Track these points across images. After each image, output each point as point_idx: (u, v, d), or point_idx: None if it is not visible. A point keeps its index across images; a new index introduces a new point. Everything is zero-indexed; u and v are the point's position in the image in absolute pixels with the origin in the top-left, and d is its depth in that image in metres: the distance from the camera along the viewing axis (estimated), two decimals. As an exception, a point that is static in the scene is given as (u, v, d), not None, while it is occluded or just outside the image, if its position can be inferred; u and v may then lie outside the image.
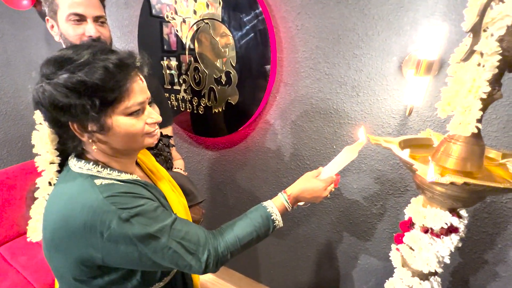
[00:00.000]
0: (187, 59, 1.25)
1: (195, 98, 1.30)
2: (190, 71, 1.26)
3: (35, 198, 0.66)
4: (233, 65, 1.14)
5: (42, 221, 0.55)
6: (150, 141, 0.58)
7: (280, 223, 0.65)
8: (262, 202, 0.67)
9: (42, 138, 0.59)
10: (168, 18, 1.22)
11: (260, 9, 1.00)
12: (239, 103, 1.19)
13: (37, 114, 0.58)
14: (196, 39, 1.19)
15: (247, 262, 1.57)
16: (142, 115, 0.55)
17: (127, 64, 0.51)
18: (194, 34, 1.18)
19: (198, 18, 1.14)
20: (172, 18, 1.21)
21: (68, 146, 0.56)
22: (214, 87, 1.22)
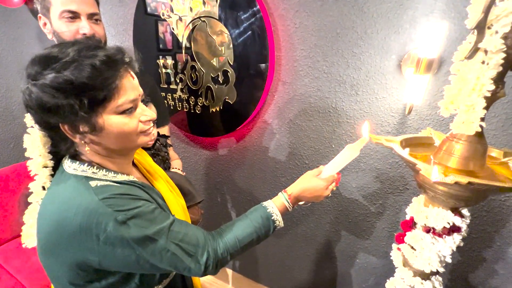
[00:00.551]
0: (184, 58, 1.23)
1: (192, 97, 1.28)
2: (187, 70, 1.24)
3: (29, 203, 0.64)
4: (230, 63, 1.12)
5: (36, 226, 0.53)
6: (145, 139, 0.56)
7: (280, 223, 0.64)
8: (262, 202, 0.66)
9: (34, 142, 0.57)
10: (164, 16, 1.20)
11: (257, 6, 0.99)
12: (237, 102, 1.17)
13: (28, 117, 0.56)
14: (192, 38, 1.17)
15: (245, 262, 1.56)
16: (135, 113, 0.53)
17: (116, 60, 0.49)
18: (191, 32, 1.16)
19: (194, 16, 1.13)
20: (168, 16, 1.19)
21: (61, 148, 0.54)
22: (211, 86, 1.21)
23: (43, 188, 0.62)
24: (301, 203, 0.70)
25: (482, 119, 0.47)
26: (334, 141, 1.07)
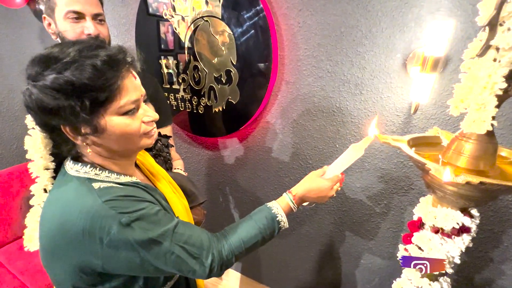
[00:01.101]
0: (186, 58, 1.22)
1: (195, 97, 1.28)
2: (190, 70, 1.24)
3: (31, 205, 0.63)
4: (233, 63, 1.11)
5: (38, 229, 0.52)
6: (148, 141, 0.56)
7: (285, 224, 0.63)
8: (266, 203, 0.65)
9: (35, 143, 0.57)
10: (166, 16, 1.19)
11: (261, 5, 0.98)
12: (240, 102, 1.16)
13: (28, 119, 0.56)
14: (195, 37, 1.16)
15: (249, 263, 1.55)
16: (137, 114, 0.52)
17: (117, 60, 0.48)
18: (193, 32, 1.16)
19: (197, 15, 1.12)
20: (170, 16, 1.18)
21: (62, 150, 0.53)
22: (214, 86, 1.20)
23: (45, 190, 0.61)
24: (305, 204, 0.70)
25: (494, 118, 0.46)
26: (338, 141, 1.06)
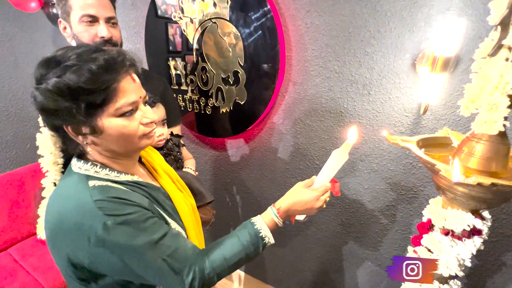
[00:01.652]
0: (194, 59, 1.24)
1: (203, 98, 1.29)
2: (198, 71, 1.25)
3: (43, 197, 0.66)
4: (241, 64, 1.12)
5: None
6: (147, 142, 0.56)
7: (270, 240, 0.59)
8: (251, 218, 0.62)
9: (45, 140, 0.61)
10: (175, 18, 1.21)
11: (268, 7, 0.99)
12: (247, 103, 1.17)
13: (41, 117, 0.58)
14: (203, 39, 1.18)
15: (254, 263, 1.55)
16: (135, 115, 0.52)
17: (114, 63, 0.49)
18: (201, 34, 1.17)
19: (205, 17, 1.13)
20: (179, 18, 1.20)
21: (68, 148, 0.56)
22: (221, 87, 1.21)
23: (54, 184, 0.64)
24: (299, 219, 0.66)
25: (506, 118, 0.46)
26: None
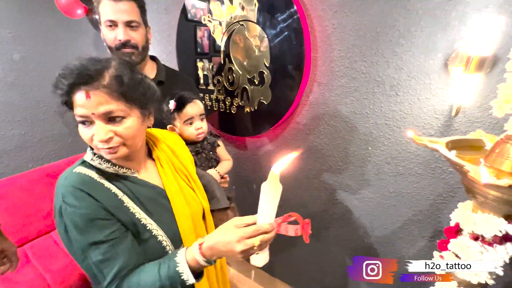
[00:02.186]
0: (221, 61, 1.29)
1: (228, 98, 1.34)
2: (224, 72, 1.30)
3: None
4: (266, 65, 1.15)
5: None
6: (103, 152, 0.57)
7: (189, 277, 0.54)
8: (178, 250, 0.58)
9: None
10: (204, 21, 1.27)
11: (295, 8, 1.00)
12: (271, 103, 1.19)
13: None
14: (230, 41, 1.22)
15: (274, 262, 1.57)
16: (92, 128, 0.54)
17: (71, 76, 0.52)
18: (229, 36, 1.22)
19: (233, 20, 1.18)
20: (209, 21, 1.26)
21: None
22: (247, 87, 1.25)
23: None
24: (254, 263, 0.56)
25: (544, 119, 0.44)
26: (371, 143, 1.04)
